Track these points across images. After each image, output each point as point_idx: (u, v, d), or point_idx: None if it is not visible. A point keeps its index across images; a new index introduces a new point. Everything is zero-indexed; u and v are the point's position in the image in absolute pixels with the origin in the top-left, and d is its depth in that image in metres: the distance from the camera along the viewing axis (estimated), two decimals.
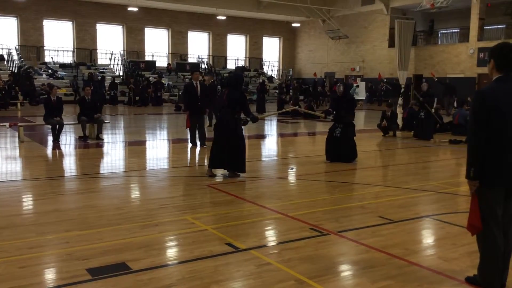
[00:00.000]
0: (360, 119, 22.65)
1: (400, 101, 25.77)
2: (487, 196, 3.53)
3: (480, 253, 3.69)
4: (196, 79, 11.29)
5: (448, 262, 4.24)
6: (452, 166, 10.08)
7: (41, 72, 28.82)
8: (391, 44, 31.07)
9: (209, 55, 37.20)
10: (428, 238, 5.12)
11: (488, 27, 28.20)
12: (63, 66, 30.36)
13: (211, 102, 16.06)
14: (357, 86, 29.31)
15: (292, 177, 8.37)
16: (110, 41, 33.04)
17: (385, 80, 29.44)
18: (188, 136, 11.51)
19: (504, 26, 28.58)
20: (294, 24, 38.55)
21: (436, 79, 24.54)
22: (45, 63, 30.12)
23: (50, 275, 3.89)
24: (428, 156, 10.92)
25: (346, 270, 4.12)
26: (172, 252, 4.49)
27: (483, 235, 3.60)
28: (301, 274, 3.90)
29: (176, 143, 12.85)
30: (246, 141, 12.54)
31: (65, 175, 8.23)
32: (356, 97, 28.78)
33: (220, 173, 7.97)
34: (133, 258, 4.17)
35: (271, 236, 5.03)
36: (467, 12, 27.52)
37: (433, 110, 13.70)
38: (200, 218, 5.44)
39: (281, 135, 15.39)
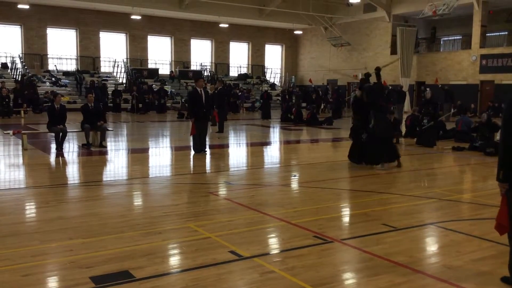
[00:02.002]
0: None
1: (406, 107, 25.75)
2: None
3: (509, 253, 3.83)
4: (201, 86, 11.36)
5: (452, 270, 4.22)
6: (455, 173, 10.05)
7: (44, 80, 28.97)
8: (394, 51, 31.11)
9: (211, 62, 37.32)
10: (432, 245, 5.10)
11: (490, 34, 28.24)
12: (66, 74, 30.50)
13: (221, 108, 16.18)
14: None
15: (295, 184, 8.36)
16: (113, 49, 33.21)
17: (390, 87, 29.37)
18: (191, 143, 11.50)
19: (506, 33, 28.61)
20: (296, 32, 38.67)
21: (440, 86, 24.55)
22: (49, 71, 30.28)
23: (53, 283, 3.89)
24: (431, 163, 10.90)
25: (350, 278, 4.11)
26: (175, 260, 4.48)
27: (511, 235, 3.77)
28: (305, 282, 3.89)
29: (179, 150, 12.86)
30: (249, 148, 12.58)
31: (69, 182, 8.25)
32: None
33: (223, 180, 7.97)
34: (136, 266, 4.17)
35: (274, 243, 5.02)
36: (469, 19, 27.57)
37: (443, 117, 13.68)
38: (203, 225, 5.43)
39: (284, 142, 15.38)
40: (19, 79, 26.88)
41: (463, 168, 10.59)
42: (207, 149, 11.71)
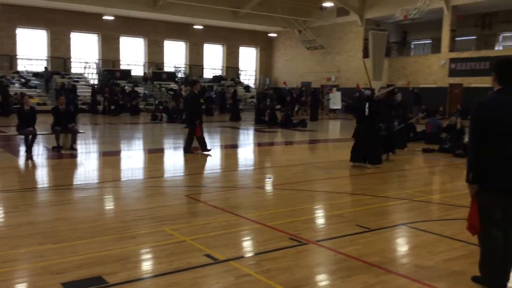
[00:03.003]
0: (335, 128, 22.90)
1: None
2: (485, 199, 3.77)
3: (480, 253, 3.92)
4: (198, 89, 11.94)
5: (424, 270, 4.29)
6: (425, 175, 10.25)
7: (13, 81, 28.25)
8: (366, 55, 31.56)
9: (186, 64, 37.11)
10: (404, 246, 5.18)
11: (459, 39, 28.95)
12: (36, 75, 29.83)
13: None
14: (328, 98, 29.57)
15: (270, 186, 8.37)
16: (85, 50, 32.64)
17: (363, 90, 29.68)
18: (186, 145, 11.77)
19: (475, 37, 29.40)
20: (270, 34, 38.84)
21: (411, 89, 25.02)
22: (18, 72, 29.56)
23: None
24: (402, 164, 11.08)
25: (325, 280, 4.13)
26: (149, 265, 4.42)
27: (482, 235, 3.86)
28: (281, 284, 3.89)
29: (152, 153, 12.72)
30: (223, 150, 12.54)
31: (38, 186, 8.06)
32: (332, 107, 29.14)
33: (198, 183, 7.92)
34: (109, 272, 4.09)
35: (250, 246, 5.01)
36: (439, 24, 28.20)
37: (413, 120, 13.92)
38: (178, 229, 5.38)
39: (258, 144, 15.40)
40: None
41: (433, 170, 10.81)
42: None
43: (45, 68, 29.89)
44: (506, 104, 3.71)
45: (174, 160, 11.88)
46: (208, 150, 11.78)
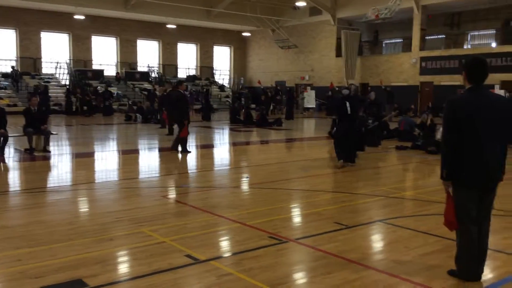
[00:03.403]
0: (310, 127, 23.09)
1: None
2: (461, 195, 3.88)
3: (456, 247, 4.03)
4: (183, 90, 12.09)
5: (402, 265, 4.39)
6: (399, 172, 10.46)
7: None
8: (339, 54, 31.92)
9: (159, 64, 36.80)
10: (381, 242, 5.28)
11: (429, 37, 29.58)
12: (5, 75, 29.08)
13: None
14: (303, 97, 29.81)
15: (247, 186, 8.40)
16: (55, 50, 32.00)
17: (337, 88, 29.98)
18: (178, 143, 11.77)
19: (444, 36, 30.09)
20: (244, 34, 38.86)
21: (383, 87, 25.44)
22: None
23: None
24: (376, 162, 11.27)
25: (305, 277, 4.18)
26: (129, 267, 4.39)
27: (459, 230, 3.96)
28: (263, 282, 3.93)
29: (126, 154, 12.59)
30: (198, 150, 12.50)
31: (11, 189, 7.88)
32: (307, 105, 29.36)
33: (175, 183, 7.87)
34: (89, 274, 4.05)
35: (230, 245, 5.03)
36: (409, 23, 28.74)
37: (387, 118, 14.16)
38: (157, 230, 5.36)
39: (233, 143, 15.41)
40: None
41: (407, 166, 11.03)
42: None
43: (12, 67, 29.15)
44: (476, 103, 3.82)
45: (149, 160, 11.80)
46: (189, 152, 11.78)
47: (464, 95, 3.94)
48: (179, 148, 11.72)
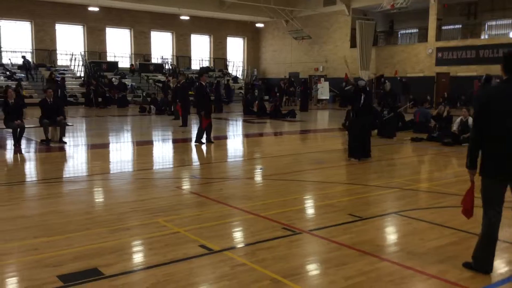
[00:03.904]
0: (324, 118, 22.99)
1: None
2: (486, 186, 3.90)
3: (479, 236, 4.01)
4: (205, 81, 12.02)
5: (417, 256, 4.37)
6: (414, 164, 10.36)
7: None
8: (353, 45, 31.62)
9: (173, 55, 36.85)
10: (396, 234, 5.25)
11: (445, 27, 29.15)
12: (20, 67, 29.39)
13: (185, 102, 16.18)
14: (317, 88, 29.61)
15: (261, 177, 8.41)
16: (70, 42, 32.23)
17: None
18: (199, 135, 11.87)
19: (460, 26, 29.60)
20: (258, 25, 38.67)
21: (398, 78, 25.16)
22: (3, 65, 29.10)
23: (20, 283, 3.78)
24: (392, 153, 11.19)
25: (319, 268, 4.18)
26: (145, 256, 4.43)
27: (483, 219, 3.96)
28: (276, 273, 3.94)
29: (141, 145, 12.67)
30: (214, 141, 12.52)
31: (28, 180, 8.00)
32: (321, 97, 29.19)
33: (190, 174, 7.91)
34: (105, 264, 4.11)
35: (244, 236, 5.05)
36: (425, 13, 28.34)
37: (402, 109, 14.01)
38: (172, 220, 5.40)
39: (247, 135, 15.42)
40: None
41: (422, 158, 10.93)
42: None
43: (23, 57, 29.28)
44: (509, 92, 3.84)
45: (164, 152, 11.87)
46: (212, 142, 12.02)
47: (498, 85, 4.03)
48: (203, 140, 11.89)
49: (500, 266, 4.19)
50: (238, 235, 5.11)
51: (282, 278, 3.85)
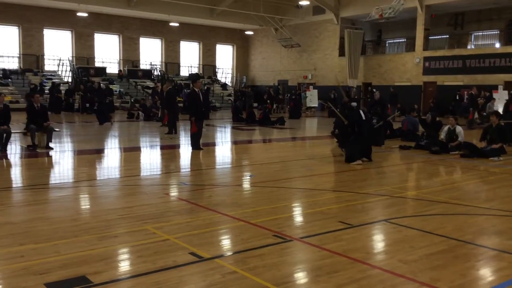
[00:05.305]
0: (313, 126, 23.06)
1: None
2: None
3: None
4: (198, 87, 12.05)
5: (407, 264, 4.37)
6: (403, 171, 10.42)
7: None
8: (342, 53, 31.86)
9: (161, 61, 36.77)
10: (387, 241, 5.24)
11: (433, 37, 29.50)
12: (7, 72, 29.08)
13: (172, 108, 16.10)
14: (305, 96, 29.74)
15: (251, 184, 8.37)
16: (58, 47, 32.00)
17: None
18: (189, 141, 12.26)
19: (447, 36, 30.00)
20: (247, 32, 38.81)
21: (391, 89, 25.36)
22: None
23: None
24: (380, 161, 11.22)
25: (311, 276, 4.15)
26: (134, 264, 4.36)
27: None
28: (267, 281, 3.90)
29: (128, 151, 12.57)
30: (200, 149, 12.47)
31: (14, 186, 7.87)
32: (309, 104, 29.31)
33: (178, 181, 7.85)
34: (93, 271, 4.03)
35: (235, 244, 5.00)
36: (413, 23, 28.67)
37: (390, 118, 14.11)
38: (161, 227, 5.34)
39: (237, 142, 15.39)
40: None
41: (411, 166, 10.99)
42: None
43: (18, 67, 29.02)
44: None
45: (152, 158, 11.78)
46: (200, 149, 12.08)
47: None
48: (200, 145, 12.05)
49: (488, 274, 4.21)
50: (228, 243, 5.07)
51: (273, 286, 3.82)
